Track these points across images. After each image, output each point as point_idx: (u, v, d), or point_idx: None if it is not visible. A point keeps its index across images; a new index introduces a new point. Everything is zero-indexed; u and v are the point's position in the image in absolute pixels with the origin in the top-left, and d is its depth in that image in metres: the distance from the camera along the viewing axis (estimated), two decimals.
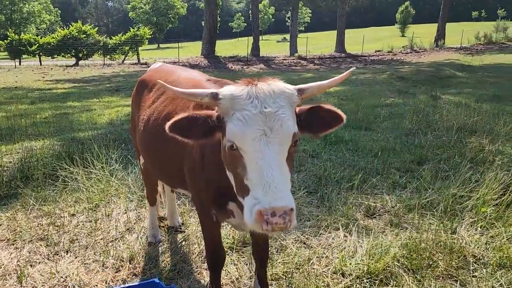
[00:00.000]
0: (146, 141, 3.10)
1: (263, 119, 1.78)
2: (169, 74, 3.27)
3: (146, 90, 3.35)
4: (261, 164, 1.73)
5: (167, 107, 2.89)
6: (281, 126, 1.79)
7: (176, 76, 3.18)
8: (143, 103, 3.27)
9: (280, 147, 1.80)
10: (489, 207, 4.02)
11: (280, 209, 1.66)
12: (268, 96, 1.83)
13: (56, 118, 9.43)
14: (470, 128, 7.02)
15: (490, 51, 29.18)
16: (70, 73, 23.26)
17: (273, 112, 1.80)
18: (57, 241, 3.81)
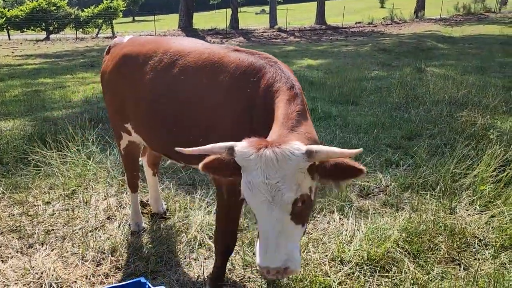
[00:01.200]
0: (160, 119, 2.76)
1: (265, 188, 1.85)
2: (165, 44, 2.89)
3: (138, 64, 2.89)
4: (263, 227, 1.89)
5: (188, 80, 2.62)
6: (281, 196, 1.85)
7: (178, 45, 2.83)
8: (141, 79, 2.84)
9: (283, 213, 1.87)
10: (488, 185, 3.89)
11: (273, 269, 1.87)
12: (271, 166, 1.85)
13: (27, 96, 8.88)
14: (460, 101, 6.89)
15: (469, 22, 29.13)
16: (41, 48, 22.15)
17: (274, 184, 1.85)
18: (31, 232, 3.51)
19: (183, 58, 2.72)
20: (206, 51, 2.67)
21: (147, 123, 2.90)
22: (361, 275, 2.90)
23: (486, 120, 5.66)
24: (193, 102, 2.58)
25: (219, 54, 2.59)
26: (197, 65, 2.62)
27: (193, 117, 2.59)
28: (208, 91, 2.52)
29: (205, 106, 2.52)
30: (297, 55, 15.53)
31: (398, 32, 24.81)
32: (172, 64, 2.73)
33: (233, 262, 3.09)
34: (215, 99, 2.48)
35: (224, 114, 2.42)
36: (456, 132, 5.45)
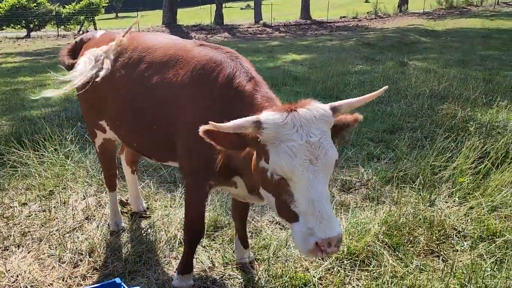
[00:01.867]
0: (129, 115, 2.76)
1: (308, 148, 1.77)
2: (135, 40, 2.87)
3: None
4: (311, 194, 1.75)
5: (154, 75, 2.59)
6: (325, 154, 1.80)
7: (148, 41, 2.81)
8: (113, 75, 2.81)
9: (326, 175, 1.82)
10: (466, 177, 3.92)
11: (335, 239, 1.74)
12: (311, 123, 1.81)
13: (6, 95, 8.68)
14: (440, 94, 6.94)
15: (451, 16, 29.42)
16: (21, 46, 21.72)
17: (317, 141, 1.79)
18: (7, 234, 3.43)
19: (151, 54, 2.70)
20: (173, 47, 2.66)
21: (118, 119, 2.87)
22: (341, 270, 2.90)
23: (466, 112, 5.71)
24: (159, 98, 2.55)
25: (184, 49, 2.58)
26: (163, 61, 2.60)
27: (159, 114, 2.56)
28: (172, 87, 2.49)
29: (170, 102, 2.50)
30: (281, 50, 15.50)
31: (382, 27, 24.95)
32: (140, 60, 2.72)
33: (213, 260, 3.06)
34: (178, 95, 2.46)
35: (187, 111, 2.40)
36: (436, 125, 5.49)
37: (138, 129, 2.77)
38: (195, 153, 2.39)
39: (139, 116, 2.70)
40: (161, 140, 2.66)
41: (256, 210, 3.70)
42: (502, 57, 11.48)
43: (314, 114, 1.83)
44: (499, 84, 7.62)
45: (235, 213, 2.99)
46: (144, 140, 2.81)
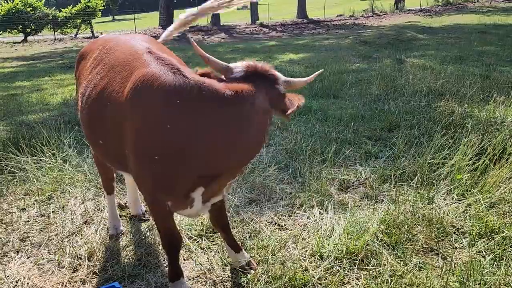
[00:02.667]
0: (84, 118, 2.73)
1: None
2: (108, 40, 2.87)
3: (83, 61, 2.94)
4: None
5: (104, 78, 2.53)
6: None
7: (114, 42, 2.78)
8: (80, 76, 2.87)
9: None
10: (464, 174, 3.92)
11: None
12: None
13: (3, 100, 8.67)
14: (438, 91, 6.94)
15: (448, 12, 29.44)
16: (18, 50, 21.70)
17: None
18: (6, 240, 3.42)
19: (108, 55, 2.64)
20: (127, 50, 2.54)
21: (81, 120, 2.85)
22: (340, 269, 2.89)
23: (464, 109, 5.72)
24: (104, 104, 2.44)
25: (135, 55, 2.44)
26: (114, 64, 2.51)
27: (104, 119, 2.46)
28: (114, 94, 2.38)
29: (115, 113, 2.36)
30: (278, 50, 15.50)
31: (379, 24, 24.97)
32: (99, 62, 2.68)
33: (212, 263, 3.06)
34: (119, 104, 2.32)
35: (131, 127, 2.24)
36: (434, 122, 5.49)
37: (91, 132, 2.72)
38: (146, 172, 2.25)
39: (90, 120, 2.64)
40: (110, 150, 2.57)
41: (254, 211, 3.71)
42: (499, 52, 11.47)
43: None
44: (496, 80, 7.62)
45: (213, 222, 2.89)
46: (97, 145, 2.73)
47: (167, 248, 2.65)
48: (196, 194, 2.31)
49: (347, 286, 2.77)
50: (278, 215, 3.63)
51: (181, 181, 2.22)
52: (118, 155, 2.45)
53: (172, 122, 2.11)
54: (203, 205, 2.42)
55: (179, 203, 2.34)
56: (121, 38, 2.85)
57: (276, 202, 3.85)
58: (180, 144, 2.12)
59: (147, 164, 2.18)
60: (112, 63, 2.55)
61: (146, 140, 2.19)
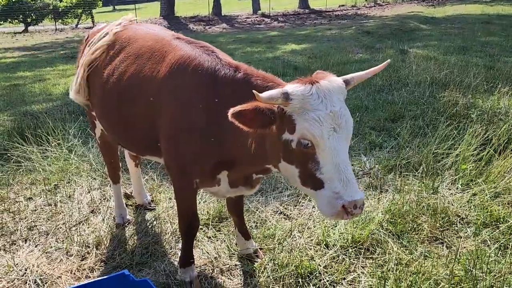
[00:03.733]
0: (106, 105, 2.77)
1: (332, 117, 1.87)
2: (124, 31, 2.92)
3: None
4: (337, 160, 1.85)
5: (131, 66, 2.60)
6: (346, 122, 1.91)
7: (131, 32, 2.84)
8: (97, 65, 2.88)
9: (347, 142, 1.94)
10: (469, 164, 3.93)
11: (360, 201, 1.85)
12: (332, 94, 1.91)
13: (6, 91, 8.69)
14: (442, 81, 6.92)
15: (451, 2, 29.23)
16: (19, 41, 21.62)
17: (339, 110, 1.89)
18: (14, 229, 3.46)
19: (130, 45, 2.72)
20: (151, 39, 2.66)
21: (101, 109, 2.90)
22: (346, 258, 2.92)
23: (468, 99, 5.71)
24: (134, 90, 2.54)
25: (162, 42, 2.57)
26: (140, 52, 2.61)
27: (134, 106, 2.56)
28: (147, 80, 2.48)
29: (145, 96, 2.48)
30: (280, 40, 15.43)
31: (382, 14, 24.80)
32: (120, 51, 2.74)
33: (218, 251, 3.09)
34: (153, 89, 2.44)
35: (169, 107, 2.38)
36: (438, 112, 5.49)
37: (115, 120, 2.78)
38: (180, 150, 2.39)
39: (116, 107, 2.70)
40: (138, 133, 2.65)
41: (260, 201, 3.73)
42: (503, 43, 11.41)
43: (334, 85, 1.95)
44: (500, 70, 7.60)
45: (230, 208, 3.00)
46: (122, 131, 2.81)
47: (185, 231, 2.69)
48: (222, 175, 2.43)
49: (353, 274, 2.80)
50: (283, 205, 3.65)
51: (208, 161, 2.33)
52: (148, 138, 2.54)
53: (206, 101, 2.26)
54: (231, 188, 2.51)
55: (207, 181, 2.46)
56: (137, 28, 2.89)
57: (281, 191, 3.87)
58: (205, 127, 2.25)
59: (183, 141, 2.33)
60: (137, 52, 2.62)
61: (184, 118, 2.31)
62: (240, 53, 12.15)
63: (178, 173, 2.50)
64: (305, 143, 1.89)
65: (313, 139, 1.87)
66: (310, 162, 1.92)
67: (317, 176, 1.90)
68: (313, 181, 1.93)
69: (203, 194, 3.75)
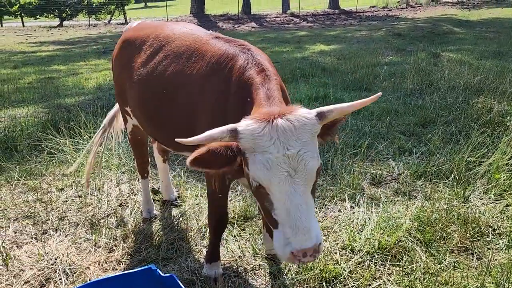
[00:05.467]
0: (145, 103, 2.81)
1: (286, 161, 1.74)
2: (159, 29, 2.94)
3: (134, 48, 2.98)
4: (288, 206, 1.76)
5: (169, 66, 2.63)
6: (305, 166, 1.76)
7: (169, 30, 2.86)
8: (134, 63, 2.91)
9: (305, 186, 1.80)
10: (503, 173, 3.81)
11: (310, 249, 1.77)
12: (289, 135, 1.76)
13: (41, 83, 8.97)
14: (476, 87, 6.73)
15: (487, 5, 28.37)
16: (54, 35, 22.28)
17: (296, 153, 1.75)
18: (45, 219, 3.56)
19: (169, 44, 2.73)
20: (190, 38, 2.67)
21: (138, 107, 2.94)
22: (372, 264, 2.88)
23: (503, 106, 5.54)
24: (174, 89, 2.57)
25: (200, 41, 2.58)
26: (179, 51, 2.62)
27: (174, 105, 2.58)
28: (187, 79, 2.50)
29: (185, 94, 2.50)
30: (309, 40, 15.33)
31: (414, 16, 24.29)
32: (159, 50, 2.77)
33: (243, 250, 3.10)
34: (192, 88, 2.46)
35: (206, 103, 2.38)
36: (471, 119, 5.34)
37: (154, 118, 2.81)
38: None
39: (155, 105, 2.73)
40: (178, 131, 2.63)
41: None
42: None
43: (295, 124, 1.78)
44: None
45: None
46: (160, 129, 2.84)
47: (215, 226, 2.71)
48: None
49: (378, 281, 2.76)
50: None
51: None
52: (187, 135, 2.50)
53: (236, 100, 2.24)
54: None
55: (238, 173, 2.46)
56: (174, 27, 2.91)
57: None
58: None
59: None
60: (176, 51, 2.64)
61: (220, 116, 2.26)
62: (269, 53, 12.13)
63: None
64: (257, 184, 1.83)
65: (260, 182, 1.80)
66: (266, 202, 1.86)
67: (273, 217, 1.84)
68: (270, 219, 1.88)
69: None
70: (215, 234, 2.76)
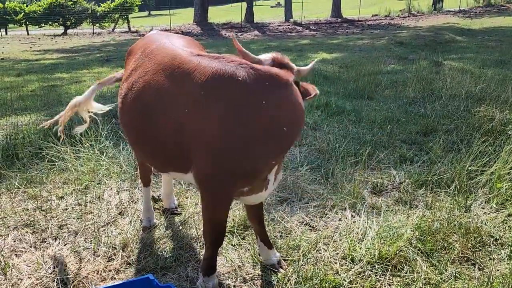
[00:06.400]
0: (129, 121, 2.73)
1: None
2: (150, 42, 2.90)
3: (129, 59, 3.01)
4: None
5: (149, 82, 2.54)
6: None
7: (156, 45, 2.79)
8: (124, 75, 2.92)
9: None
10: (505, 182, 3.78)
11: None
12: None
13: (44, 91, 9.00)
14: (477, 96, 6.72)
15: (489, 14, 28.45)
16: (58, 43, 22.46)
17: None
18: (44, 227, 3.56)
19: (150, 60, 2.65)
20: (169, 55, 2.55)
21: (121, 118, 2.88)
22: (372, 274, 2.85)
23: (505, 115, 5.52)
24: (156, 108, 2.46)
25: (180, 59, 2.46)
26: (157, 69, 2.52)
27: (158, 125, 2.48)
28: (171, 97, 2.40)
29: (171, 114, 2.39)
30: (311, 49, 15.39)
31: (416, 25, 24.37)
32: (141, 65, 2.71)
33: (242, 260, 3.08)
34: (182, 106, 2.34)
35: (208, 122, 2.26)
36: (473, 127, 5.33)
37: (135, 134, 2.73)
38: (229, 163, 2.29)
39: (136, 125, 2.66)
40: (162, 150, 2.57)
41: (286, 210, 3.70)
42: None
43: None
44: None
45: (251, 216, 2.94)
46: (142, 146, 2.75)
47: (212, 239, 2.63)
48: (271, 175, 2.48)
49: None
50: (309, 216, 3.61)
51: (266, 162, 2.36)
52: (174, 155, 2.48)
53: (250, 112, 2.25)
54: (273, 185, 2.57)
55: (257, 187, 2.48)
56: (161, 42, 2.81)
57: (308, 202, 3.83)
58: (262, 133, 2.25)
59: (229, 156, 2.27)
60: (155, 68, 2.54)
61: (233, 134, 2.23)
62: None
63: (219, 186, 2.39)
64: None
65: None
66: None
67: None
68: None
69: None
70: (213, 249, 2.69)
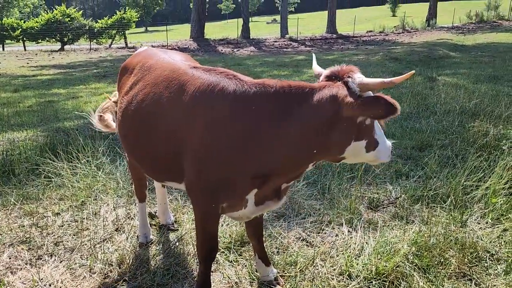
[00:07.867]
0: (126, 132, 2.83)
1: None
2: (148, 57, 2.99)
3: (126, 75, 3.07)
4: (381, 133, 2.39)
5: (148, 94, 2.64)
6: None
7: (154, 60, 2.89)
8: (122, 89, 3.00)
9: None
10: (500, 197, 3.81)
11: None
12: None
13: (41, 107, 9.03)
14: (471, 111, 6.79)
15: (482, 30, 28.92)
16: (55, 59, 22.57)
17: None
18: (40, 244, 3.53)
19: (150, 73, 2.75)
20: (168, 68, 2.66)
21: (120, 131, 2.94)
22: None
23: (499, 130, 5.58)
24: (153, 119, 2.56)
25: (178, 71, 2.57)
26: (157, 81, 2.63)
27: (155, 135, 2.57)
28: (166, 108, 2.49)
29: (166, 124, 2.49)
30: (307, 64, 15.54)
31: (410, 41, 24.72)
32: (140, 79, 2.80)
33: (239, 276, 3.07)
34: (175, 117, 2.44)
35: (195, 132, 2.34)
36: (467, 142, 5.38)
37: (134, 145, 2.82)
38: (211, 172, 2.35)
39: (135, 135, 2.74)
40: (158, 160, 2.65)
41: (282, 226, 3.70)
42: None
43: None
44: None
45: (250, 232, 2.95)
46: (140, 157, 2.83)
47: (204, 255, 2.64)
48: (250, 195, 2.43)
49: None
50: (306, 231, 3.61)
51: (241, 180, 2.33)
52: (169, 164, 2.56)
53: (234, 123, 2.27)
54: (257, 207, 2.51)
55: (235, 204, 2.46)
56: (160, 56, 2.93)
57: (304, 218, 3.83)
58: (241, 145, 2.26)
59: (210, 166, 2.33)
60: (154, 81, 2.65)
61: (213, 143, 2.30)
62: (267, 76, 12.27)
63: (204, 197, 2.46)
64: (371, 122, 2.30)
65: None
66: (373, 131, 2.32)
67: (375, 139, 2.33)
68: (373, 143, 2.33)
69: (226, 217, 3.76)
70: (205, 264, 2.69)
